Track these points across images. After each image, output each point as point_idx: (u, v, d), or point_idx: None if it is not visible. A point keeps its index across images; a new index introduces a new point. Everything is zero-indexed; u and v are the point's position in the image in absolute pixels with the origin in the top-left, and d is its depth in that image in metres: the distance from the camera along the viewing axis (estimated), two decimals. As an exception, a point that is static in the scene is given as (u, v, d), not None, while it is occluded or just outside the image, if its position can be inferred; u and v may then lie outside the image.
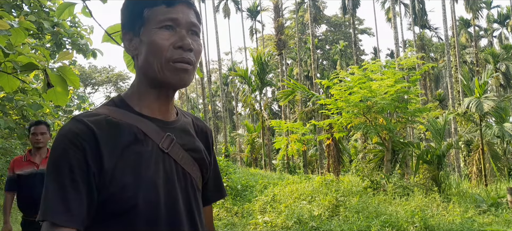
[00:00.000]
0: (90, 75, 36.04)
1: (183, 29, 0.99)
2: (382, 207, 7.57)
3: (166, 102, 1.04)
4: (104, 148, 0.92)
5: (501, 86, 32.05)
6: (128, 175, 0.93)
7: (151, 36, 0.98)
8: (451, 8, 28.65)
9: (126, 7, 1.04)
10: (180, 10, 0.99)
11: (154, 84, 1.01)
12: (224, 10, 42.34)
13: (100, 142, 0.92)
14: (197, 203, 1.06)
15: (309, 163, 24.10)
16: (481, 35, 38.81)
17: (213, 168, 1.20)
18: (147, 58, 0.99)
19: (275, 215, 7.78)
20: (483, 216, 7.18)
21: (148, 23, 0.99)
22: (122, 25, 1.05)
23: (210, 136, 1.20)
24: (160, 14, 0.98)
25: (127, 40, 1.04)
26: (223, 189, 1.26)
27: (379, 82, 10.23)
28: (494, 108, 11.36)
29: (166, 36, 0.97)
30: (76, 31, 4.70)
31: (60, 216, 0.86)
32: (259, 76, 24.57)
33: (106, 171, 0.91)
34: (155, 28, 0.98)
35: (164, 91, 1.02)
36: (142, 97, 1.03)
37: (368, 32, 49.80)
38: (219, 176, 1.25)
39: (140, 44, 1.01)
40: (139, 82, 1.04)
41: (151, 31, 0.98)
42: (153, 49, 0.97)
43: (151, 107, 1.03)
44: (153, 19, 0.98)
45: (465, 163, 18.93)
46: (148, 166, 0.96)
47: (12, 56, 2.10)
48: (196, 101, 51.57)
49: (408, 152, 11.10)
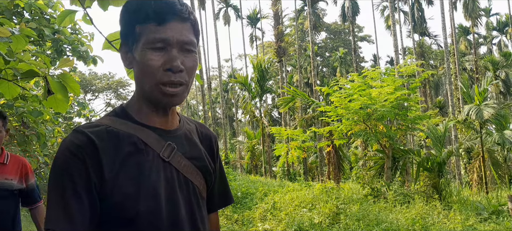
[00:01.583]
0: (90, 82, 36.06)
1: (174, 49, 0.96)
2: (383, 215, 7.54)
3: (165, 114, 1.04)
4: (104, 159, 0.93)
5: (501, 93, 32.09)
6: (129, 185, 0.93)
7: (142, 56, 0.97)
8: (450, 16, 28.77)
9: (121, 19, 1.03)
10: (172, 27, 0.96)
11: (149, 99, 1.01)
12: (224, 17, 42.50)
13: (101, 152, 0.93)
14: (200, 211, 1.06)
15: (309, 170, 24.05)
16: (481, 42, 38.94)
17: (219, 174, 1.20)
18: (139, 77, 0.99)
19: (275, 223, 7.75)
20: (484, 224, 7.15)
21: (139, 40, 0.97)
22: (120, 35, 1.05)
23: (214, 143, 1.19)
24: (151, 33, 0.95)
25: (123, 53, 1.04)
26: (229, 195, 1.25)
27: (379, 90, 10.24)
28: (494, 115, 11.36)
29: (156, 57, 0.95)
30: (77, 38, 4.70)
31: (63, 226, 0.88)
32: (259, 83, 24.59)
33: (107, 181, 0.92)
34: (146, 48, 0.96)
35: (160, 107, 1.03)
36: (141, 107, 1.03)
37: (368, 40, 49.96)
38: (225, 182, 1.24)
39: (133, 60, 1.00)
40: (137, 94, 1.04)
41: (142, 52, 0.96)
42: (143, 70, 0.97)
43: (151, 117, 1.03)
44: (144, 37, 0.96)
45: (465, 171, 18.88)
46: (149, 176, 0.96)
47: (12, 63, 2.10)
48: (196, 108, 51.61)
49: (409, 159, 11.08)
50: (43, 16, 4.37)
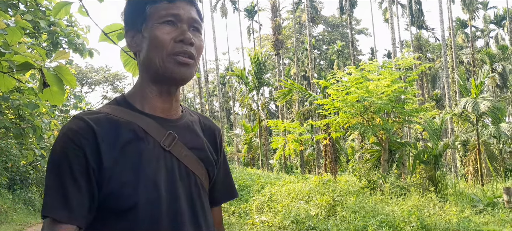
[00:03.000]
0: (86, 75, 35.90)
1: (185, 24, 1.00)
2: (379, 207, 7.59)
3: (169, 99, 1.03)
4: (103, 145, 0.92)
5: (497, 87, 32.22)
6: (128, 173, 0.92)
7: (152, 31, 0.99)
8: (448, 9, 28.81)
9: (129, 6, 1.05)
10: (181, 6, 1.00)
11: (155, 79, 1.01)
12: (222, 9, 42.32)
13: (99, 139, 0.92)
14: (201, 202, 1.04)
15: (306, 163, 24.13)
16: (478, 35, 38.97)
17: (223, 167, 1.18)
18: (148, 52, 0.99)
19: (272, 215, 7.78)
20: (479, 216, 7.21)
21: (149, 19, 1.00)
22: (125, 23, 1.06)
23: (218, 135, 1.18)
24: (162, 10, 0.99)
25: (130, 37, 1.05)
26: (233, 190, 1.24)
27: (376, 82, 10.25)
28: (490, 109, 11.40)
29: (167, 31, 0.98)
30: (73, 30, 4.68)
31: (61, 213, 0.87)
32: (256, 76, 24.57)
33: (105, 168, 0.91)
34: (157, 23, 0.99)
35: (165, 87, 1.02)
36: (144, 95, 1.02)
37: (365, 33, 49.93)
38: (229, 176, 1.22)
39: (142, 40, 1.01)
40: (141, 80, 1.04)
41: (153, 26, 0.99)
42: (154, 43, 0.98)
43: (153, 105, 1.02)
44: (155, 15, 1.00)
45: (461, 163, 18.99)
46: (149, 164, 0.95)
47: (8, 55, 2.09)
48: (193, 101, 51.53)
49: (405, 152, 11.13)
50: (38, 8, 4.34)
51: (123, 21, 1.08)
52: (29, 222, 10.10)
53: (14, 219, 10.00)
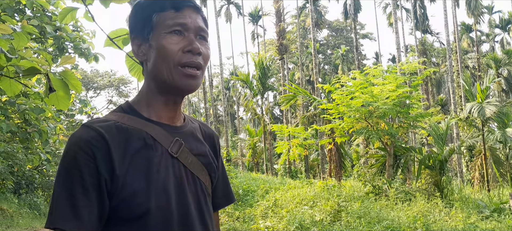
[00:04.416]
0: (92, 79, 36.10)
1: (192, 34, 1.00)
2: (384, 213, 7.54)
3: (174, 108, 1.05)
4: (115, 154, 0.91)
5: (503, 91, 32.00)
6: (139, 181, 0.92)
7: (160, 40, 0.99)
8: (453, 13, 28.68)
9: (135, 13, 1.05)
10: (188, 14, 1.00)
11: (162, 89, 1.01)
12: (226, 14, 42.44)
13: (111, 148, 0.91)
14: (207, 207, 1.06)
15: (310, 168, 24.05)
16: (483, 40, 38.77)
17: (221, 173, 1.20)
18: (156, 63, 0.99)
19: (276, 220, 7.76)
20: (486, 222, 7.14)
21: (156, 28, 1.00)
22: (131, 30, 1.06)
23: (217, 142, 1.20)
24: (169, 19, 0.99)
25: (136, 46, 1.04)
26: (231, 195, 1.25)
27: (380, 87, 10.22)
28: (496, 113, 11.33)
29: (175, 41, 0.98)
30: (78, 35, 4.71)
31: (70, 224, 0.86)
32: (260, 80, 24.56)
33: (117, 177, 0.91)
34: (164, 33, 0.99)
35: (172, 96, 1.03)
36: (150, 103, 1.03)
37: (370, 37, 49.84)
38: (227, 182, 1.24)
39: (149, 49, 1.01)
40: (147, 88, 1.04)
41: (160, 36, 0.99)
42: (162, 53, 0.98)
43: (159, 112, 1.03)
44: (162, 24, 0.99)
45: (467, 169, 18.86)
46: (158, 171, 0.95)
47: (14, 60, 2.10)
48: (197, 105, 51.61)
49: (410, 157, 11.07)
50: (44, 13, 4.37)
51: (128, 27, 1.08)
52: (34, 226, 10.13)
53: (19, 224, 10.04)
